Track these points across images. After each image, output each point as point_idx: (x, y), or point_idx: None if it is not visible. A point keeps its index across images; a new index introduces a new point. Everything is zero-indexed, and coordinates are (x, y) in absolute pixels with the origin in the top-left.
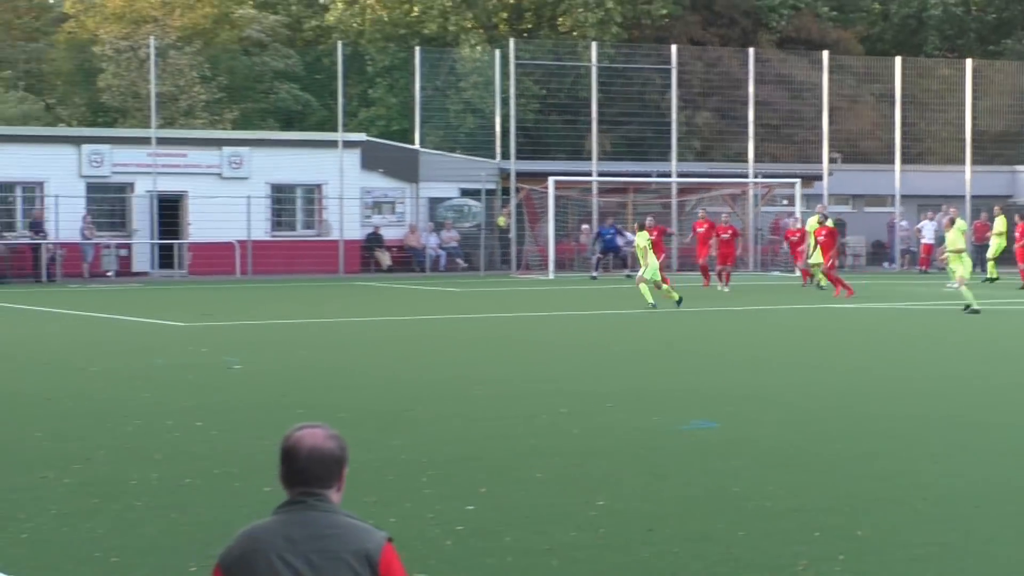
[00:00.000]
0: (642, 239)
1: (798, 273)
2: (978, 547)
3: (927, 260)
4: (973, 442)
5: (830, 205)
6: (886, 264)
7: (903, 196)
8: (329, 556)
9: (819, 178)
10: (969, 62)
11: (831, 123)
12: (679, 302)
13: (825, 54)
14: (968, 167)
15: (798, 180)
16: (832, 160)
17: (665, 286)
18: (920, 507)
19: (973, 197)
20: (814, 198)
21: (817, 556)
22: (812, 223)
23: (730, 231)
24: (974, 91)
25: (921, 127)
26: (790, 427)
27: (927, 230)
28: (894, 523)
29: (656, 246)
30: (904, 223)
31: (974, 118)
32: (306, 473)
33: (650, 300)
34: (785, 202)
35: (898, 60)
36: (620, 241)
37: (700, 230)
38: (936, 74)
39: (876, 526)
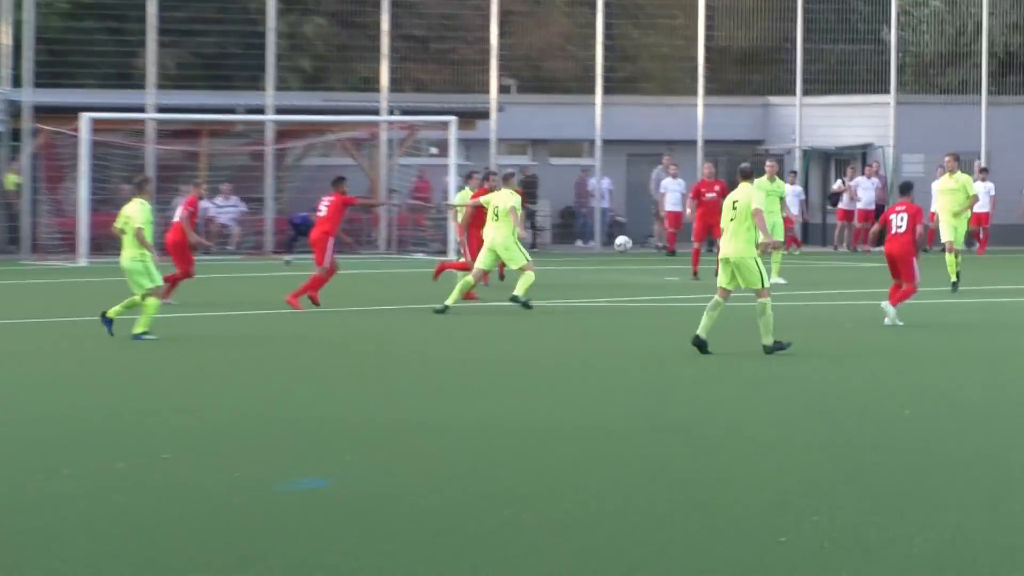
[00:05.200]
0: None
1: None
2: None
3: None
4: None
5: (502, 154)
6: (579, 242)
7: (606, 142)
8: None
9: (484, 115)
10: None
11: (503, 36)
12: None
13: None
14: (700, 99)
15: (453, 119)
16: (504, 89)
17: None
18: None
19: (708, 142)
20: (477, 144)
21: None
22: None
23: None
24: None
25: (633, 43)
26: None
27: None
28: None
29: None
30: (605, 181)
31: (710, 31)
32: None
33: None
34: (434, 150)
35: None
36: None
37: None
38: None
39: None
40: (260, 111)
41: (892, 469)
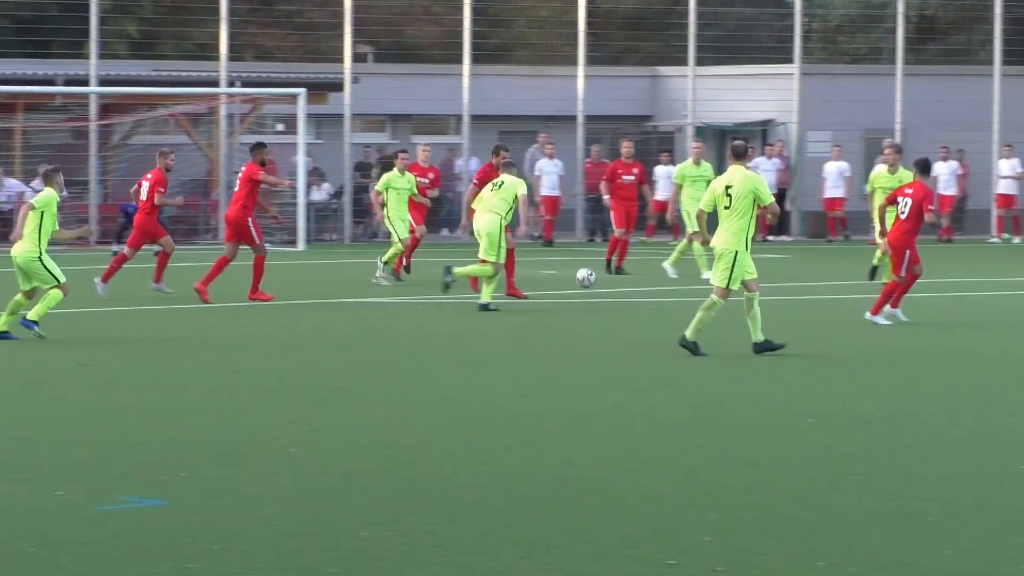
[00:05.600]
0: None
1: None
2: None
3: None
4: None
5: (357, 131)
6: (445, 231)
7: (475, 117)
8: None
9: (337, 87)
10: None
11: None
12: None
13: None
14: (581, 70)
15: (302, 91)
16: (359, 58)
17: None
18: None
19: (589, 118)
20: (329, 119)
21: None
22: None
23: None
24: None
25: (505, 6)
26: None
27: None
28: None
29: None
30: (474, 162)
31: None
32: None
33: None
34: (281, 127)
35: None
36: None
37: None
38: None
39: None
40: (82, 82)
41: (790, 484)
